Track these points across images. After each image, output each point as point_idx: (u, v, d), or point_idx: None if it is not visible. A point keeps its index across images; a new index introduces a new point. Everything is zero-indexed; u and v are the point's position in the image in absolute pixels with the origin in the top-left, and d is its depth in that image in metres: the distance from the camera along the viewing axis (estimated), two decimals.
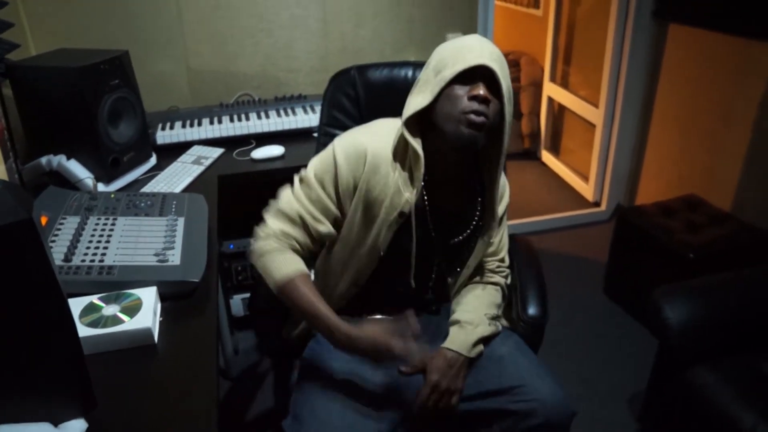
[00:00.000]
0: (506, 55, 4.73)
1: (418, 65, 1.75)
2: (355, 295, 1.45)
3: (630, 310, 2.73)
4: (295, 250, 1.36)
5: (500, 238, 1.54)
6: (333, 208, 1.36)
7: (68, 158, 1.84)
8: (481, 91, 1.22)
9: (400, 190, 1.32)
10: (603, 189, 3.65)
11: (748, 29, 2.54)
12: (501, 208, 1.49)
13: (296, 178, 1.41)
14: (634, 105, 3.34)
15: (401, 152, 1.34)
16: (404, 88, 1.48)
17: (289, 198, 1.38)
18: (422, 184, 1.34)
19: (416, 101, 1.29)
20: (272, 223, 1.37)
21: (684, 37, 2.96)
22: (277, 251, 1.34)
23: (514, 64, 4.62)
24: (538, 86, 4.38)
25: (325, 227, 1.37)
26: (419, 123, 1.31)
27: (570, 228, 3.56)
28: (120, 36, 2.40)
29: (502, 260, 1.55)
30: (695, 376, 1.68)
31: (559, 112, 4.27)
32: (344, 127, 1.70)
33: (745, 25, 2.54)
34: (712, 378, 1.65)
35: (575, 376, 2.36)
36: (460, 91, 1.24)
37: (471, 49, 1.24)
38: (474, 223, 1.44)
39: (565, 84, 4.13)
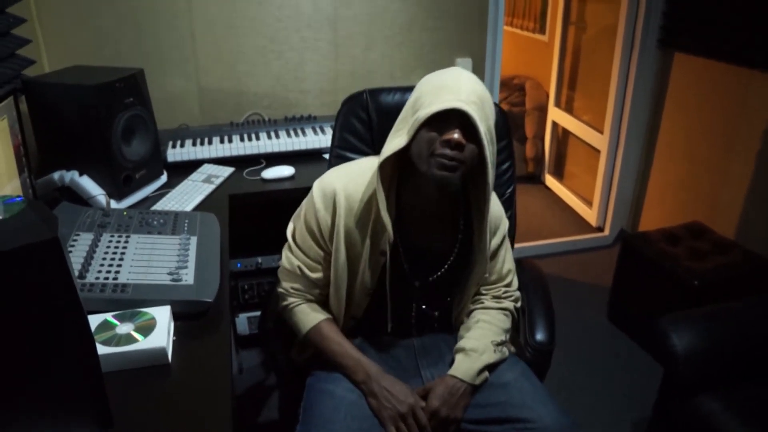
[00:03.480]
0: (511, 79, 4.77)
1: None
2: (353, 327, 1.51)
3: (634, 336, 2.73)
4: (311, 300, 1.47)
5: (501, 266, 1.53)
6: (323, 252, 1.42)
7: (81, 174, 1.85)
8: (455, 135, 1.20)
9: (379, 230, 1.35)
10: (606, 214, 3.66)
11: (752, 59, 2.57)
12: (496, 240, 1.49)
13: (288, 233, 1.48)
14: (638, 131, 3.36)
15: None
16: None
17: (286, 255, 1.48)
18: (392, 222, 1.35)
19: (393, 143, 1.29)
20: (283, 283, 1.48)
21: (689, 66, 3.00)
22: (295, 308, 1.46)
23: (519, 88, 4.66)
24: (542, 111, 4.41)
25: (320, 273, 1.44)
26: (400, 159, 1.32)
27: (573, 252, 3.57)
28: (133, 54, 2.42)
29: (508, 285, 1.54)
30: (701, 404, 1.68)
31: (563, 136, 4.29)
32: (356, 150, 1.73)
33: (750, 55, 2.57)
34: (718, 406, 1.65)
35: (578, 403, 2.35)
36: (435, 133, 1.22)
37: (450, 89, 1.22)
38: (451, 259, 1.45)
39: (569, 109, 4.16)
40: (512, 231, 1.79)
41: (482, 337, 1.43)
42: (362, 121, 1.74)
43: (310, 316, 1.44)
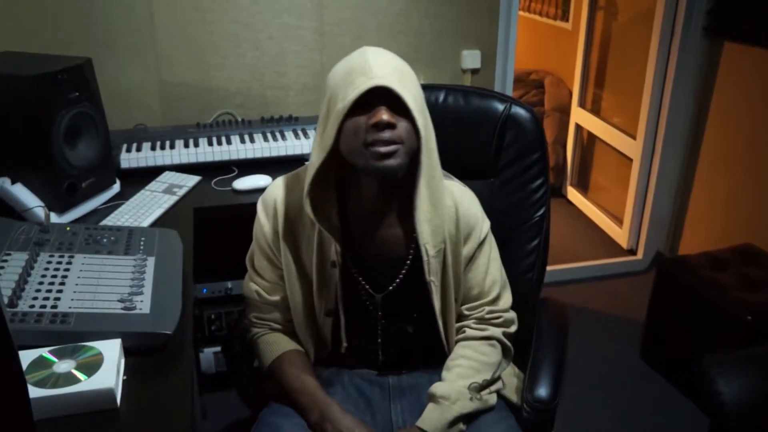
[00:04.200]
0: (528, 74, 4.81)
1: (432, 88, 1.77)
2: (328, 356, 1.55)
3: (673, 379, 2.72)
4: (275, 330, 1.54)
5: (483, 277, 1.51)
6: (278, 270, 1.49)
7: (13, 182, 1.85)
8: (383, 116, 1.24)
9: (326, 238, 1.39)
10: (640, 234, 3.67)
11: None
12: (471, 246, 1.49)
13: (247, 259, 1.56)
14: (678, 136, 3.38)
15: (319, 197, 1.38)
16: None
17: (246, 284, 1.55)
18: (339, 229, 1.41)
19: (316, 152, 1.32)
20: (247, 315, 1.56)
21: (741, 59, 3.01)
22: (258, 339, 1.53)
23: (537, 86, 4.69)
24: (564, 112, 4.44)
25: (278, 295, 1.50)
26: (336, 159, 1.34)
27: (600, 279, 3.56)
28: (78, 39, 2.43)
29: (493, 303, 1.53)
30: None
31: (588, 142, 4.32)
32: None
33: None
34: None
35: None
36: (360, 120, 1.26)
37: (361, 71, 1.26)
38: (408, 264, 1.46)
39: (596, 110, 4.18)
40: (540, 262, 1.78)
41: (457, 379, 1.42)
42: None
43: (272, 347, 1.50)
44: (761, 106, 2.92)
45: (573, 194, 4.43)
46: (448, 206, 1.43)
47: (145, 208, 1.95)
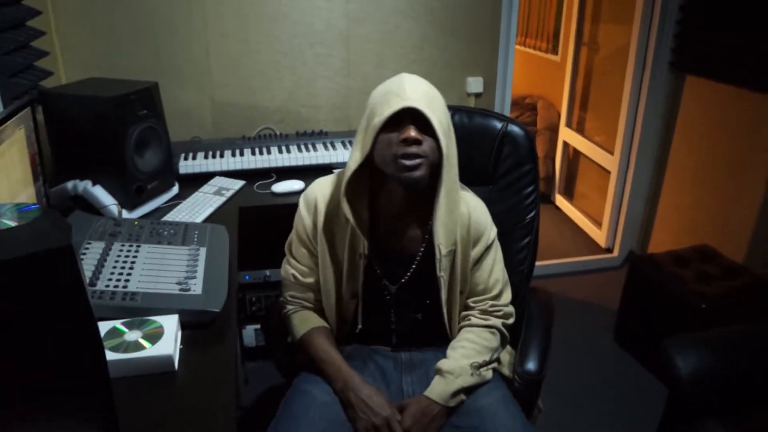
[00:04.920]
0: (523, 98, 4.79)
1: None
2: (348, 333, 1.55)
3: (640, 358, 2.72)
4: (307, 308, 1.53)
5: (487, 276, 1.52)
6: (312, 256, 1.49)
7: (94, 184, 1.89)
8: (412, 133, 1.27)
9: (356, 233, 1.40)
10: (616, 235, 3.66)
11: (765, 84, 2.58)
12: (479, 249, 1.49)
13: (286, 245, 1.55)
14: (649, 153, 3.37)
15: (354, 198, 1.40)
16: None
17: (284, 267, 1.55)
18: (368, 226, 1.42)
19: (354, 157, 1.35)
20: (283, 293, 1.55)
21: (700, 89, 3.01)
22: (291, 315, 1.53)
23: (530, 108, 4.67)
24: (554, 130, 4.42)
25: (312, 278, 1.50)
26: (369, 167, 1.38)
27: (581, 273, 3.56)
28: (148, 66, 2.47)
29: (495, 298, 1.53)
30: (705, 429, 1.67)
31: (574, 156, 4.30)
32: None
33: (762, 79, 2.58)
34: (722, 431, 1.64)
35: (583, 424, 2.34)
36: (392, 136, 1.29)
37: (397, 93, 1.29)
38: (417, 260, 1.47)
39: (581, 129, 4.16)
40: (531, 257, 1.78)
41: (461, 358, 1.43)
42: None
43: (304, 323, 1.50)
44: (716, 128, 2.91)
45: (560, 201, 4.42)
46: (462, 213, 1.44)
47: (198, 207, 1.97)
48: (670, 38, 3.11)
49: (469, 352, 1.44)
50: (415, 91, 1.29)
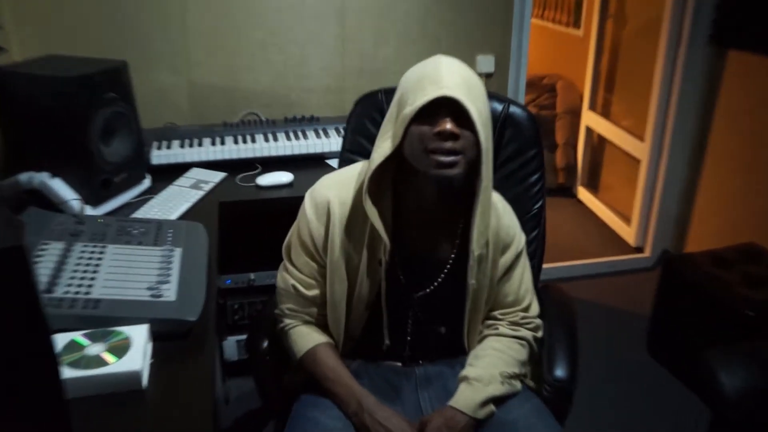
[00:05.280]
0: (540, 78, 4.78)
1: None
2: (351, 349, 1.53)
3: (677, 373, 2.70)
4: (308, 322, 1.50)
5: (517, 286, 1.53)
6: (318, 267, 1.46)
7: (52, 176, 1.86)
8: (447, 126, 1.24)
9: (377, 236, 1.37)
10: (647, 233, 3.64)
11: None
12: (508, 257, 1.50)
13: (283, 250, 1.52)
14: (685, 139, 3.35)
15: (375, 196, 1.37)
16: None
17: (281, 275, 1.51)
18: (391, 228, 1.39)
19: (382, 148, 1.32)
20: (279, 304, 1.51)
21: (744, 65, 2.98)
22: (290, 330, 1.49)
23: (549, 89, 4.66)
24: (575, 114, 4.42)
25: (316, 290, 1.47)
26: (395, 160, 1.34)
27: (608, 275, 3.55)
28: (116, 44, 2.45)
29: (525, 310, 1.54)
30: None
31: (598, 144, 4.29)
32: (367, 155, 1.71)
33: None
34: None
35: None
36: (425, 128, 1.26)
37: (432, 79, 1.26)
38: (448, 267, 1.46)
39: (606, 113, 4.15)
40: (540, 251, 1.79)
41: (490, 365, 1.43)
42: (376, 123, 1.74)
43: (305, 339, 1.46)
44: (762, 109, 2.88)
45: (583, 194, 4.41)
46: (492, 218, 1.43)
47: (173, 202, 1.96)
48: (710, 8, 3.07)
49: (496, 361, 1.44)
50: (452, 77, 1.26)
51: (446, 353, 1.55)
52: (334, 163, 2.33)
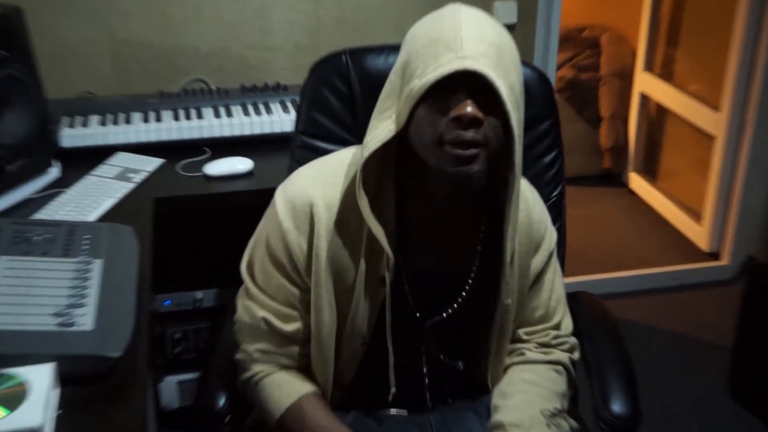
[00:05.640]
0: (579, 31, 4.80)
1: None
2: (341, 398, 1.54)
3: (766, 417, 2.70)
4: (287, 366, 1.48)
5: (548, 296, 1.54)
6: (299, 291, 1.44)
7: None
8: (468, 109, 1.20)
9: (377, 248, 1.36)
10: (725, 233, 3.66)
11: None
12: (540, 259, 1.51)
13: (244, 270, 1.50)
14: None
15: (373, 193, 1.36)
16: None
17: (244, 304, 1.50)
18: (393, 236, 1.38)
19: (380, 130, 1.29)
20: (243, 345, 1.49)
21: None
22: (263, 380, 1.47)
23: (591, 45, 4.69)
24: (626, 78, 4.45)
25: (298, 323, 1.46)
26: (396, 144, 1.32)
27: (673, 290, 3.56)
28: None
29: (557, 327, 1.56)
30: None
31: (657, 116, 4.32)
32: (331, 138, 1.75)
33: None
34: None
35: None
36: (437, 110, 1.23)
37: (448, 43, 1.21)
38: (470, 283, 1.46)
39: (667, 75, 4.17)
40: (561, 251, 1.79)
41: (527, 404, 1.44)
42: (340, 94, 1.75)
43: (285, 389, 1.45)
44: None
45: (636, 182, 4.44)
46: (521, 211, 1.43)
47: (91, 198, 1.94)
48: None
49: (532, 397, 1.45)
50: (477, 41, 1.21)
51: (464, 393, 1.57)
52: None
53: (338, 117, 1.75)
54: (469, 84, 1.20)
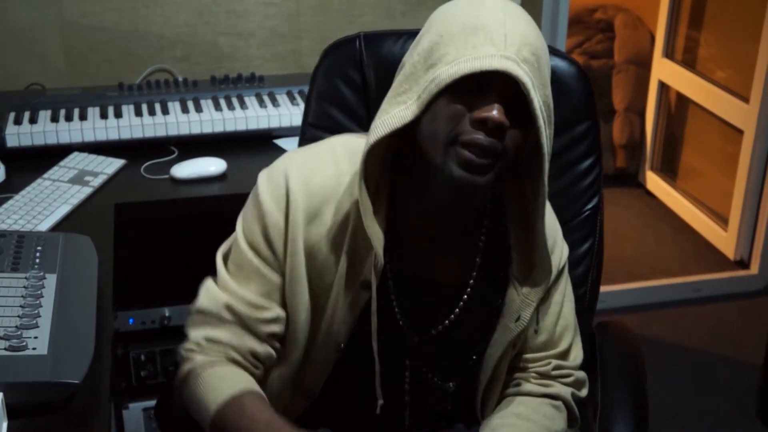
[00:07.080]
0: (591, 12, 4.81)
1: None
2: (305, 412, 1.53)
3: None
4: (234, 361, 1.42)
5: (554, 321, 1.52)
6: (276, 277, 1.41)
7: None
8: (494, 113, 1.19)
9: (362, 246, 1.36)
10: (754, 240, 3.67)
11: None
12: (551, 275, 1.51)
13: (219, 257, 1.48)
14: None
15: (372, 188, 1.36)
16: None
17: (209, 289, 1.45)
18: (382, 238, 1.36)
19: (393, 114, 1.28)
20: (192, 332, 1.44)
21: None
22: (205, 371, 1.40)
23: (603, 28, 4.69)
24: (643, 65, 4.46)
25: (266, 314, 1.41)
26: (399, 139, 1.32)
27: (696, 303, 3.57)
28: None
29: (562, 356, 1.55)
30: None
31: (678, 107, 4.34)
32: (339, 131, 1.71)
33: None
34: None
35: None
36: (461, 106, 1.22)
37: (489, 34, 1.19)
38: (465, 298, 1.46)
39: (690, 61, 4.18)
40: (595, 271, 1.81)
41: None
42: (353, 85, 1.74)
43: (230, 381, 1.39)
44: None
45: (654, 182, 4.45)
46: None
47: (43, 205, 1.94)
48: None
49: None
50: (521, 42, 1.20)
51: (452, 419, 1.58)
52: (286, 143, 2.34)
53: (350, 108, 1.74)
54: (502, 87, 1.19)
